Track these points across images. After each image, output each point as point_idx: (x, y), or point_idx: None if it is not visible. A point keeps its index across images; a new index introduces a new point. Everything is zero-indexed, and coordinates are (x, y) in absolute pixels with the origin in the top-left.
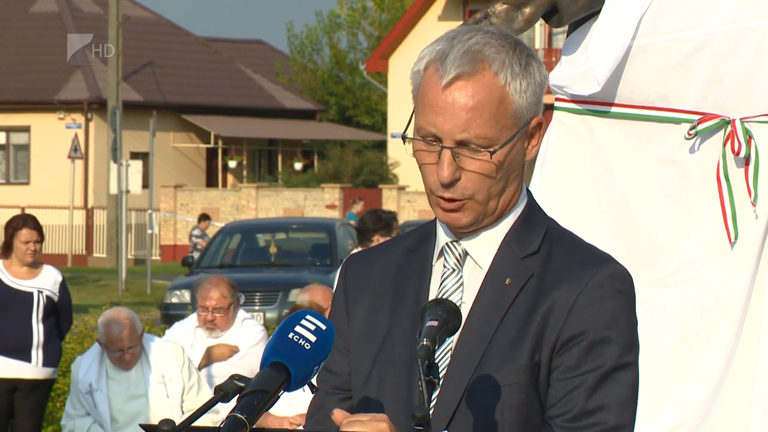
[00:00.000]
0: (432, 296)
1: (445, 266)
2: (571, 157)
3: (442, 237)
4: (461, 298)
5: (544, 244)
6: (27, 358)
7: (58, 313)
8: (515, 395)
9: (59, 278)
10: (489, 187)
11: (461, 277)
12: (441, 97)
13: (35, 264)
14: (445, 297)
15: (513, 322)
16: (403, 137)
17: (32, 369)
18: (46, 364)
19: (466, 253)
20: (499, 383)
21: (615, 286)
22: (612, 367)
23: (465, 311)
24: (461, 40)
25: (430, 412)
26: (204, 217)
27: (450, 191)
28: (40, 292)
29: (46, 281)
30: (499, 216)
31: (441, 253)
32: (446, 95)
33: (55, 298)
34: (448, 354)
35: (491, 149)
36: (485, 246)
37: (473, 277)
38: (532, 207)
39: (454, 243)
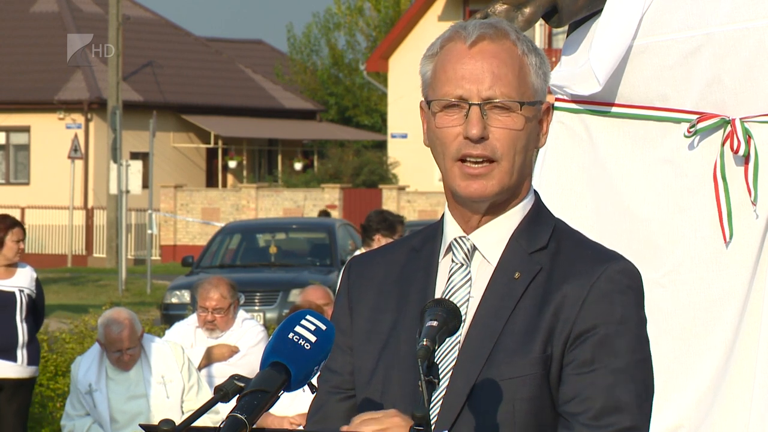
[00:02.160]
0: (439, 293)
1: (453, 261)
2: (569, 156)
3: (450, 233)
4: (469, 293)
5: (553, 240)
6: (12, 357)
7: (37, 310)
8: (527, 387)
9: (34, 275)
10: (514, 153)
11: (469, 272)
12: (467, 57)
13: (14, 263)
14: (453, 292)
15: (523, 315)
16: (428, 101)
17: (18, 368)
18: (30, 362)
19: (474, 248)
20: (511, 375)
21: (625, 282)
22: (627, 363)
23: (473, 306)
24: (475, 18)
25: (439, 403)
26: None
27: (479, 148)
28: (20, 291)
29: (24, 280)
30: (510, 206)
31: (448, 250)
32: (471, 55)
33: (34, 296)
34: (456, 347)
35: (521, 101)
36: (494, 241)
37: (481, 272)
38: (540, 205)
39: (463, 238)
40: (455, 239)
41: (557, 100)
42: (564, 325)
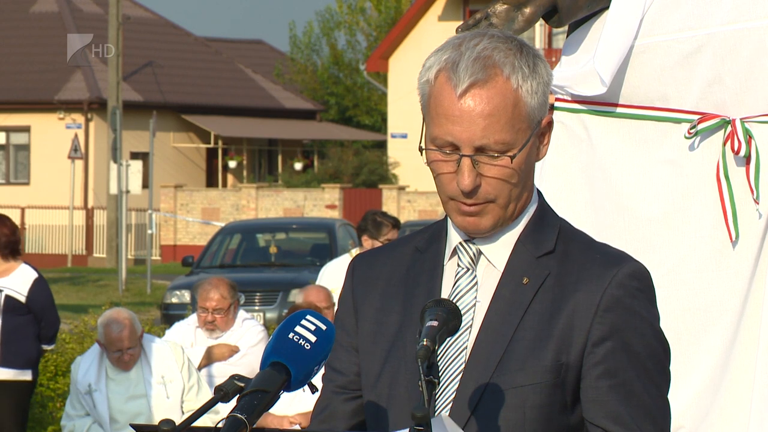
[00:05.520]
0: (444, 296)
1: (459, 265)
2: (569, 156)
3: (455, 237)
4: (475, 297)
5: (559, 243)
6: None
7: (33, 313)
8: (538, 395)
9: (31, 278)
10: (510, 191)
11: (475, 276)
12: (456, 106)
13: (13, 261)
14: (459, 297)
15: (533, 321)
16: (420, 148)
17: None
18: (5, 364)
19: (480, 253)
20: (522, 383)
21: (635, 285)
22: (648, 369)
23: (480, 310)
24: (469, 46)
25: (448, 408)
26: None
27: (472, 198)
28: (0, 290)
29: (15, 281)
30: (516, 217)
31: (453, 253)
32: (461, 104)
33: (21, 299)
34: (463, 352)
35: (511, 154)
36: (500, 246)
37: (487, 276)
38: (544, 207)
39: (468, 243)
40: (460, 243)
41: (557, 100)
42: (579, 333)
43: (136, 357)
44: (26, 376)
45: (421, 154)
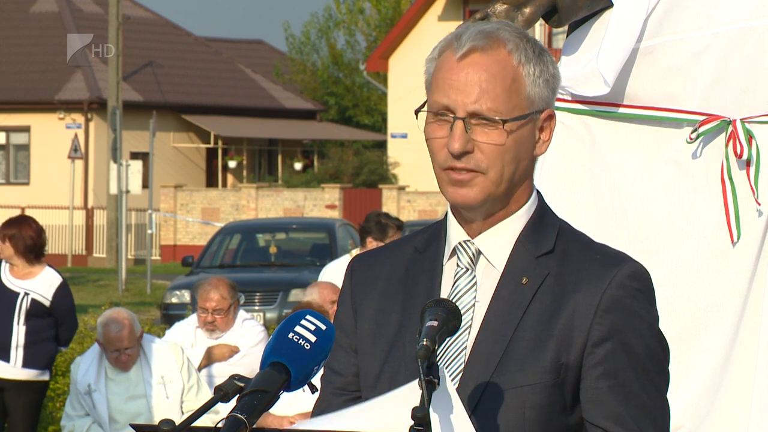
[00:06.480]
0: (444, 296)
1: (458, 265)
2: (571, 156)
3: (454, 236)
4: (475, 297)
5: (559, 243)
6: (6, 357)
7: (55, 317)
8: (538, 395)
9: (56, 282)
10: (502, 165)
11: (474, 276)
12: (455, 69)
13: (37, 264)
14: (458, 297)
15: (533, 321)
16: (416, 111)
17: (11, 369)
18: (26, 365)
19: (479, 253)
20: (522, 383)
21: (635, 285)
22: (647, 370)
23: (480, 310)
24: (476, 24)
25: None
26: None
27: (462, 162)
28: (26, 293)
29: (39, 284)
30: (512, 211)
31: (453, 253)
32: (461, 67)
33: (46, 303)
34: (463, 352)
35: (505, 118)
36: (499, 246)
37: (486, 276)
38: (544, 208)
39: (467, 242)
40: (459, 243)
41: (558, 100)
42: (579, 333)
43: (134, 357)
44: (45, 376)
45: (416, 118)
